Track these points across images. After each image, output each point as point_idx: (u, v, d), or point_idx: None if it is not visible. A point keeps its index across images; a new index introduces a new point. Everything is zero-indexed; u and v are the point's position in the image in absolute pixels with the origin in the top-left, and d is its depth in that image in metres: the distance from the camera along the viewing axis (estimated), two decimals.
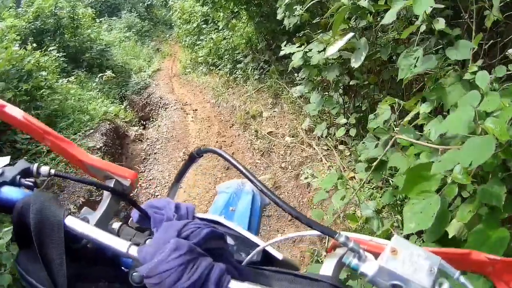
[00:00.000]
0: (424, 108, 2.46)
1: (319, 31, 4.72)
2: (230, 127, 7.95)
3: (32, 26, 11.46)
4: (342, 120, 4.72)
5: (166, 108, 10.59)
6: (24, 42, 9.23)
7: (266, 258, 1.06)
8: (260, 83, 8.55)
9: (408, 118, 2.68)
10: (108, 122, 8.36)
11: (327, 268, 0.84)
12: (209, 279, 0.69)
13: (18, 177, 0.94)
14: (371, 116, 2.96)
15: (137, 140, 8.93)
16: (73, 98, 8.41)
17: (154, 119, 10.54)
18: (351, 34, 3.36)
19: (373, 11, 3.29)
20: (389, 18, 2.65)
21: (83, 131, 7.32)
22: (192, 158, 1.20)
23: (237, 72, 9.84)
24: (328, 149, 5.34)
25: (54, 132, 1.05)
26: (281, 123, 6.75)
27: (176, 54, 17.11)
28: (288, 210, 0.85)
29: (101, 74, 11.61)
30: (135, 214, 0.93)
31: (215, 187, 5.39)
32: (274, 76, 8.00)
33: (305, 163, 5.42)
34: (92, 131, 7.49)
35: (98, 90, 10.82)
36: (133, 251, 0.76)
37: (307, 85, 4.98)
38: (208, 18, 12.89)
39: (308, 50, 4.44)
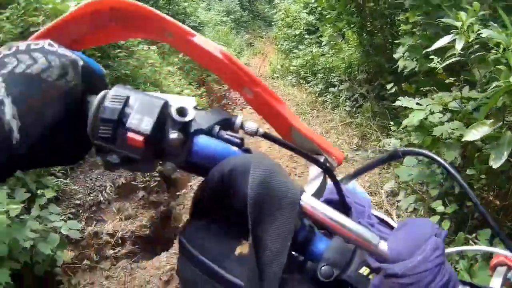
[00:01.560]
0: None
1: (432, 84, 4.16)
2: None
3: None
4: (439, 206, 3.88)
5: (243, 108, 10.10)
6: None
7: None
8: (349, 117, 7.86)
9: None
10: None
11: (495, 283, 0.86)
12: (451, 280, 0.65)
13: (216, 127, 0.74)
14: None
15: None
16: (150, 68, 7.92)
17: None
18: (499, 124, 2.71)
19: None
20: None
21: None
22: (393, 157, 1.07)
23: (328, 96, 9.23)
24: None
25: (262, 82, 0.86)
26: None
27: (268, 55, 16.57)
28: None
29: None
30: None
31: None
32: (367, 114, 7.29)
33: None
34: None
35: (178, 67, 10.35)
36: (383, 246, 0.68)
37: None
38: (311, 29, 12.34)
39: (430, 113, 3.77)
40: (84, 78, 0.68)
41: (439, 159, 0.92)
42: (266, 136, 0.77)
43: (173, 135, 0.68)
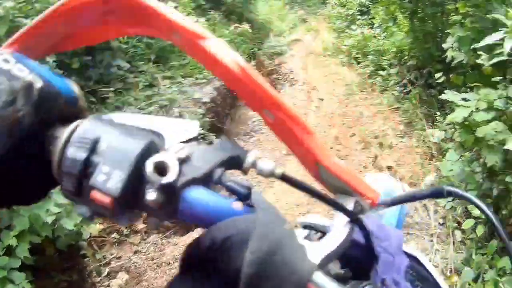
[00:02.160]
0: None
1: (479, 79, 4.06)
2: (351, 136, 7.21)
3: None
4: (474, 210, 3.81)
5: (292, 85, 10.15)
6: None
7: None
8: (397, 102, 7.78)
9: None
10: None
11: None
12: None
13: (219, 171, 0.58)
14: None
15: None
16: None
17: (276, 91, 9.96)
18: None
19: None
20: None
21: (195, 78, 6.95)
22: (435, 194, 0.84)
23: (377, 79, 9.12)
24: (443, 223, 4.60)
25: (286, 105, 0.67)
26: (405, 162, 6.02)
27: (320, 32, 16.30)
28: None
29: (236, 25, 11.08)
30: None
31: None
32: (414, 101, 7.22)
33: (412, 228, 4.67)
34: (204, 81, 7.09)
35: (229, 39, 10.29)
36: None
37: (457, 150, 4.22)
38: (364, 10, 12.18)
39: (475, 109, 3.73)
40: (42, 104, 0.57)
41: (481, 205, 0.79)
42: (284, 178, 0.62)
43: (151, 196, 0.54)
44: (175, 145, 0.59)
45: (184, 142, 0.61)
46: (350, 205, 0.72)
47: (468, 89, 4.28)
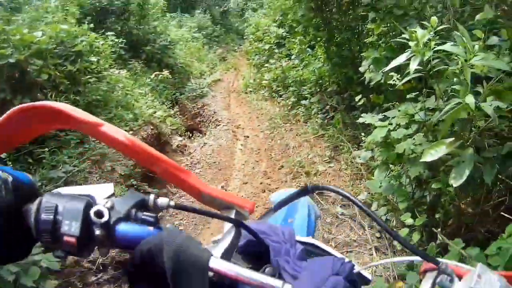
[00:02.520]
0: None
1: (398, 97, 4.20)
2: (279, 169, 7.20)
3: (97, 4, 10.97)
4: (408, 219, 3.83)
5: (217, 125, 10.09)
6: (85, 18, 9.15)
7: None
8: (322, 129, 7.83)
9: None
10: (152, 127, 7.93)
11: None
12: None
13: (133, 211, 0.88)
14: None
15: (178, 151, 8.49)
16: (121, 91, 7.85)
17: (202, 133, 10.06)
18: (458, 143, 2.69)
19: (497, 124, 2.62)
20: None
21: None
22: (303, 192, 1.16)
23: (300, 109, 9.20)
24: (380, 237, 4.66)
25: (168, 159, 0.97)
26: (335, 185, 5.96)
27: (241, 68, 16.43)
28: (401, 241, 0.92)
29: (156, 72, 10.99)
30: (241, 240, 1.01)
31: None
32: (338, 126, 7.28)
33: (351, 246, 4.70)
34: (131, 132, 6.86)
35: (151, 87, 10.31)
36: None
37: (380, 168, 4.20)
38: (282, 42, 12.35)
39: (393, 128, 3.79)
40: (16, 192, 0.83)
41: (343, 192, 1.00)
42: (178, 207, 0.92)
43: (97, 232, 0.83)
44: (102, 200, 0.88)
45: (107, 197, 0.90)
46: (232, 215, 0.99)
47: (391, 106, 4.31)
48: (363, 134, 5.87)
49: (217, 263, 0.80)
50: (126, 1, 11.50)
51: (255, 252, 1.08)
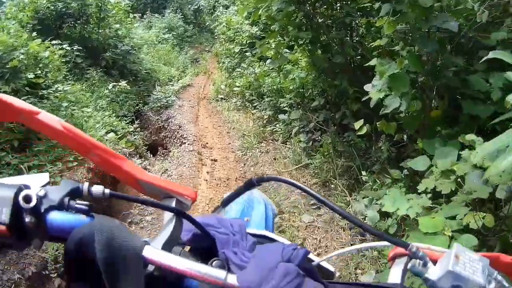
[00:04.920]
0: None
1: None
2: None
3: (52, 7, 9.80)
4: None
5: (181, 144, 8.40)
6: (40, 24, 8.98)
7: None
8: (306, 156, 5.91)
9: None
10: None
11: (394, 276, 0.85)
12: None
13: (66, 199, 0.80)
14: None
15: None
16: (66, 111, 6.32)
17: (167, 150, 8.50)
18: None
19: None
20: None
21: (61, 163, 5.18)
22: (249, 185, 1.07)
23: (278, 125, 7.32)
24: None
25: (102, 145, 0.90)
26: (326, 246, 4.18)
27: (213, 71, 14.52)
28: (359, 224, 0.85)
29: (114, 83, 9.40)
30: (187, 234, 0.94)
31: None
32: (327, 153, 5.33)
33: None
34: (76, 163, 5.30)
35: (110, 99, 8.92)
36: (232, 279, 0.73)
37: None
38: (255, 42, 10.48)
39: None
40: None
41: (292, 181, 0.93)
42: (114, 195, 0.83)
43: (27, 218, 0.74)
44: (37, 188, 0.78)
45: (42, 186, 0.80)
46: (172, 204, 0.90)
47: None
48: (364, 173, 4.08)
49: (154, 254, 0.73)
50: (83, 3, 10.20)
51: (204, 247, 0.97)
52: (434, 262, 0.78)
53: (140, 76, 11.28)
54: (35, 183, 0.79)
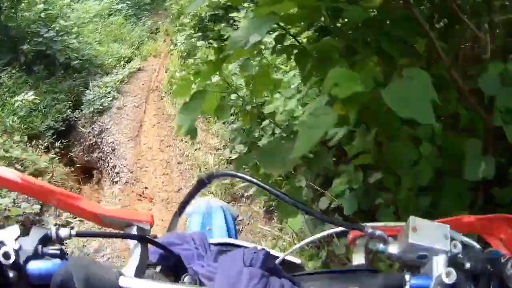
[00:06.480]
0: None
1: None
2: None
3: None
4: None
5: (112, 181, 5.80)
6: None
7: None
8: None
9: None
10: None
11: (358, 258, 0.88)
12: None
13: (39, 247, 0.80)
14: None
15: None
16: None
17: (99, 182, 6.32)
18: None
19: None
20: None
21: None
22: (200, 185, 1.06)
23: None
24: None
25: (59, 189, 0.88)
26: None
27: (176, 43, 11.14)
28: (314, 214, 0.87)
29: (18, 98, 6.91)
30: (154, 256, 0.93)
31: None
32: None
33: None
34: None
35: (28, 110, 7.00)
36: None
37: None
38: (219, 14, 7.29)
39: None
40: None
41: (242, 175, 0.92)
42: (80, 235, 0.85)
43: (11, 273, 0.72)
44: (11, 242, 0.75)
45: (15, 239, 0.76)
46: (134, 231, 0.87)
47: None
48: None
49: (129, 282, 0.72)
50: None
51: (172, 265, 0.94)
52: (394, 237, 0.78)
53: (75, 66, 8.72)
54: (8, 237, 0.77)
